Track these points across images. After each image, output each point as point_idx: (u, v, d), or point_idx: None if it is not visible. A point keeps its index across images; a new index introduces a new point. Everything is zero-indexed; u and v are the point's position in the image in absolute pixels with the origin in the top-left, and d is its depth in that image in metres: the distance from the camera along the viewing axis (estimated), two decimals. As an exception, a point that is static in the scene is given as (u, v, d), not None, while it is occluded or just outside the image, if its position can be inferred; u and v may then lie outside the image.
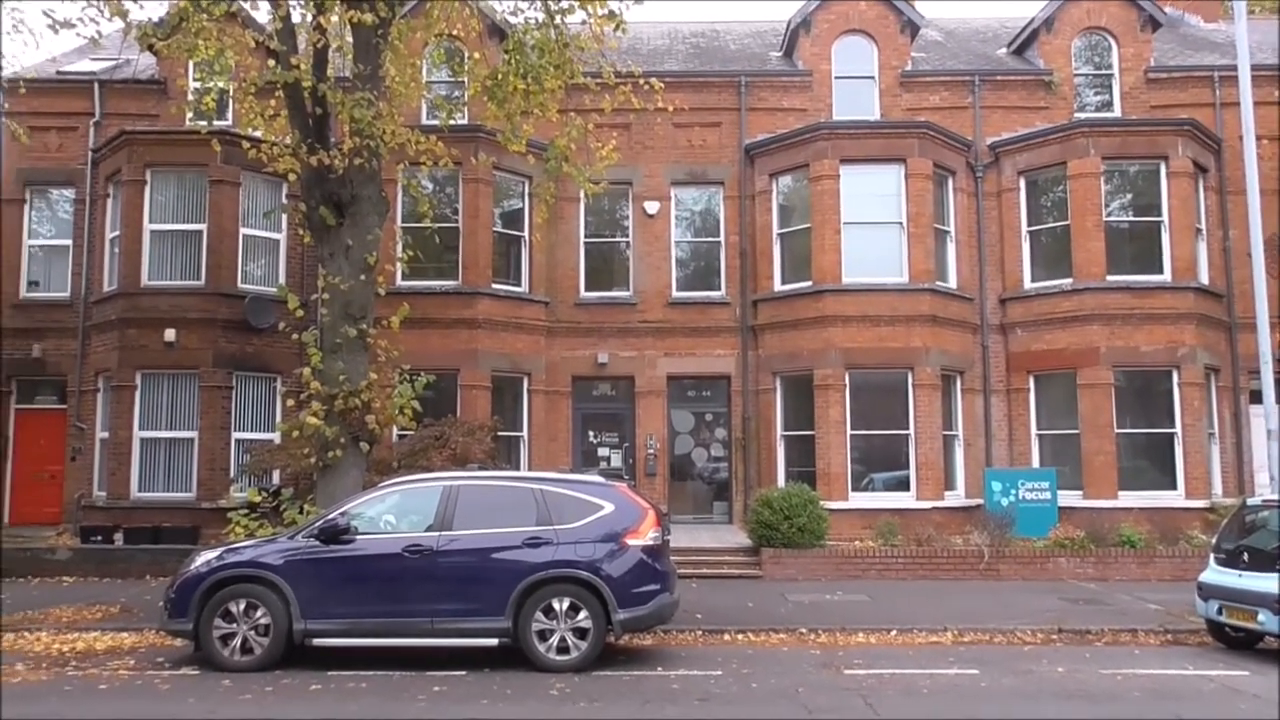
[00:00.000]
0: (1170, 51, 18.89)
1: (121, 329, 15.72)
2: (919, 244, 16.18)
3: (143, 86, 17.39)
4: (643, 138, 17.28)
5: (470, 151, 15.25)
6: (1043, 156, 16.91)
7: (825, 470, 15.66)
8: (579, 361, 17.20)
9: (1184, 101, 17.64)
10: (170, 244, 16.05)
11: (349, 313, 11.10)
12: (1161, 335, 15.98)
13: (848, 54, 17.90)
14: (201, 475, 15.47)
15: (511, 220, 17.11)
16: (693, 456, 17.60)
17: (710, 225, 17.82)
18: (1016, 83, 17.96)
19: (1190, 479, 15.68)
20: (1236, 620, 9.32)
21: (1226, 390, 16.94)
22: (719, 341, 17.29)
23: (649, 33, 20.41)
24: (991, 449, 16.81)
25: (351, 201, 11.22)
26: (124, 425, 15.52)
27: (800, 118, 17.44)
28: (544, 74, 11.59)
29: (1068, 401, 16.31)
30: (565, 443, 17.09)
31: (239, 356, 15.86)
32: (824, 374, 15.94)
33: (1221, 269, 17.09)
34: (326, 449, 10.83)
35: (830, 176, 16.26)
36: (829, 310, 16.06)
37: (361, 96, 10.63)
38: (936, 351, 16.12)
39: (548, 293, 17.16)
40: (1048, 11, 18.10)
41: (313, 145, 10.95)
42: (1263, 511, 9.94)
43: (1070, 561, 13.78)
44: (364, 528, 8.89)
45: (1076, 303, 16.23)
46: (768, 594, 12.34)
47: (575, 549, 8.60)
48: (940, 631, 10.17)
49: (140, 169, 15.89)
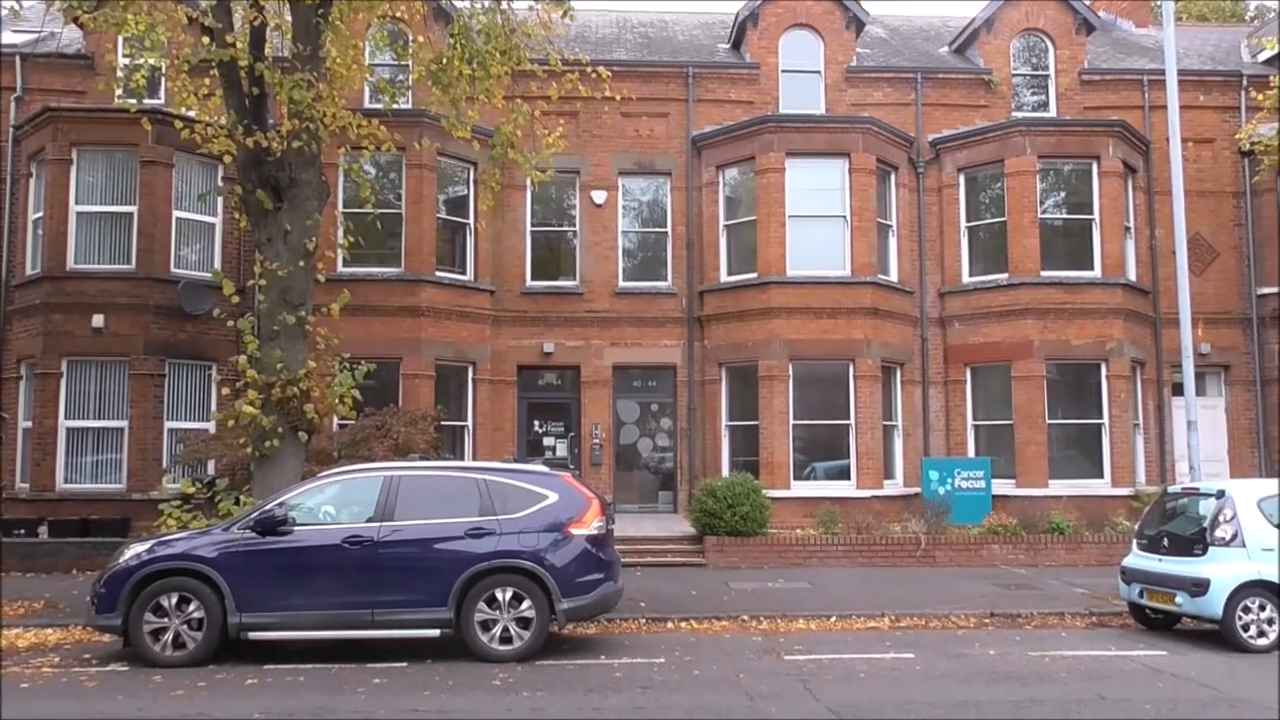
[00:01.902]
0: (1104, 54, 19.44)
1: (46, 314, 15.15)
2: (862, 238, 16.43)
3: (69, 61, 16.69)
4: (590, 126, 17.20)
5: (414, 136, 15.04)
6: (981, 154, 17.28)
7: (769, 460, 15.84)
8: (525, 351, 17.11)
9: (1115, 103, 18.18)
10: (98, 226, 15.49)
11: (287, 299, 10.86)
12: (1091, 330, 16.49)
13: (794, 48, 18.05)
14: (132, 466, 15.01)
15: (456, 207, 16.91)
16: (638, 446, 17.65)
17: (658, 216, 17.84)
18: (957, 81, 18.31)
19: (1116, 468, 16.25)
20: (1157, 603, 9.70)
21: (1151, 383, 17.58)
22: (665, 332, 17.34)
23: (597, 21, 20.31)
24: (929, 439, 17.19)
25: (290, 185, 10.96)
26: (49, 414, 14.97)
27: (747, 110, 17.55)
28: (490, 60, 11.46)
29: (1003, 393, 16.75)
30: (510, 432, 17.00)
31: (172, 343, 15.41)
32: (768, 365, 16.11)
33: (1148, 266, 17.68)
34: (264, 439, 10.60)
35: (776, 170, 16.40)
36: (774, 302, 16.22)
37: (301, 77, 10.37)
38: (877, 344, 16.39)
39: (493, 281, 17.01)
40: (988, 12, 18.47)
41: (249, 127, 10.67)
42: (1182, 499, 10.35)
43: (1003, 548, 14.18)
44: (303, 519, 8.73)
45: (1012, 297, 16.66)
46: (711, 582, 12.45)
47: (519, 539, 8.57)
48: (878, 617, 10.38)
49: (66, 148, 15.30)
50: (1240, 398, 17.88)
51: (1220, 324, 17.73)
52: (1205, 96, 18.23)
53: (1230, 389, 17.96)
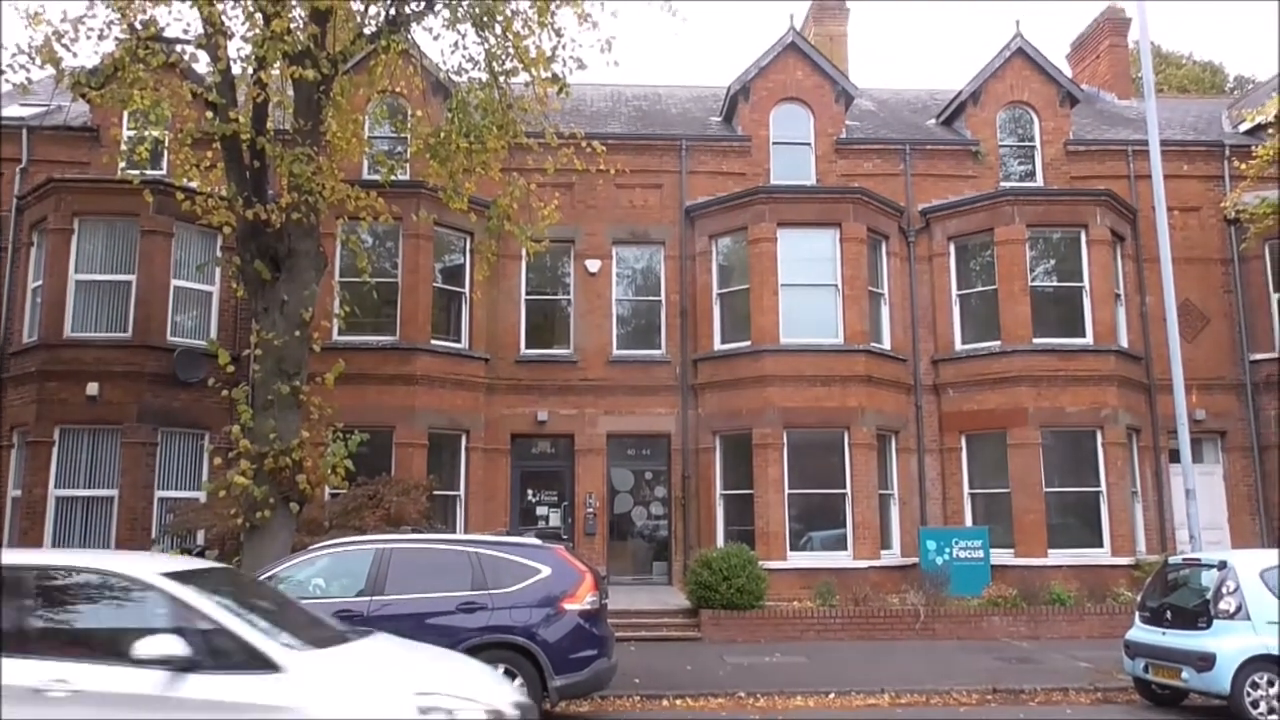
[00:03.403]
0: (1088, 125, 19.88)
1: (40, 382, 15.13)
2: (854, 306, 16.56)
3: (74, 134, 17.01)
4: (585, 197, 17.45)
5: (411, 208, 15.23)
6: (971, 223, 17.54)
7: (764, 529, 15.70)
8: (519, 419, 17.06)
9: (1101, 173, 18.52)
10: (97, 295, 15.59)
11: (282, 369, 10.84)
12: (1086, 397, 16.52)
13: (785, 121, 18.44)
14: (121, 535, 14.81)
15: (452, 276, 17.04)
16: (632, 515, 17.49)
17: (651, 284, 17.99)
18: (945, 152, 18.68)
19: (1116, 537, 16.10)
20: (1162, 678, 9.52)
21: (1147, 450, 17.53)
22: (659, 400, 17.34)
23: (592, 95, 20.76)
24: (926, 508, 17.06)
25: (288, 256, 11.04)
26: (39, 483, 14.84)
27: (739, 181, 17.84)
28: (487, 134, 11.66)
29: (999, 461, 16.69)
30: (504, 501, 16.85)
31: (165, 411, 15.36)
32: (763, 433, 16.07)
33: (1140, 333, 17.80)
34: (255, 509, 10.47)
35: (768, 239, 16.60)
36: (767, 370, 16.26)
37: (301, 151, 10.53)
38: (872, 411, 16.39)
39: (488, 349, 17.05)
40: (974, 86, 18.93)
41: (250, 199, 10.78)
42: (1183, 570, 10.24)
43: (1004, 620, 13.96)
44: (292, 592, 8.56)
45: (1005, 364, 16.72)
46: (706, 656, 12.22)
47: (511, 614, 8.44)
48: (878, 694, 10.18)
49: (68, 217, 15.48)
50: (1238, 464, 17.83)
51: (1214, 390, 17.77)
52: (1189, 166, 18.59)
53: (1227, 455, 17.93)
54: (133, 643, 4.93)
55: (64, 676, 4.88)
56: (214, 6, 10.23)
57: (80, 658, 5.07)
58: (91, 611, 5.52)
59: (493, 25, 11.20)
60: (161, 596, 5.27)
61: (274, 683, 4.97)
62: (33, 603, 5.30)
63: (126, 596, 5.39)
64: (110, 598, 5.48)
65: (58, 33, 10.09)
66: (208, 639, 5.06)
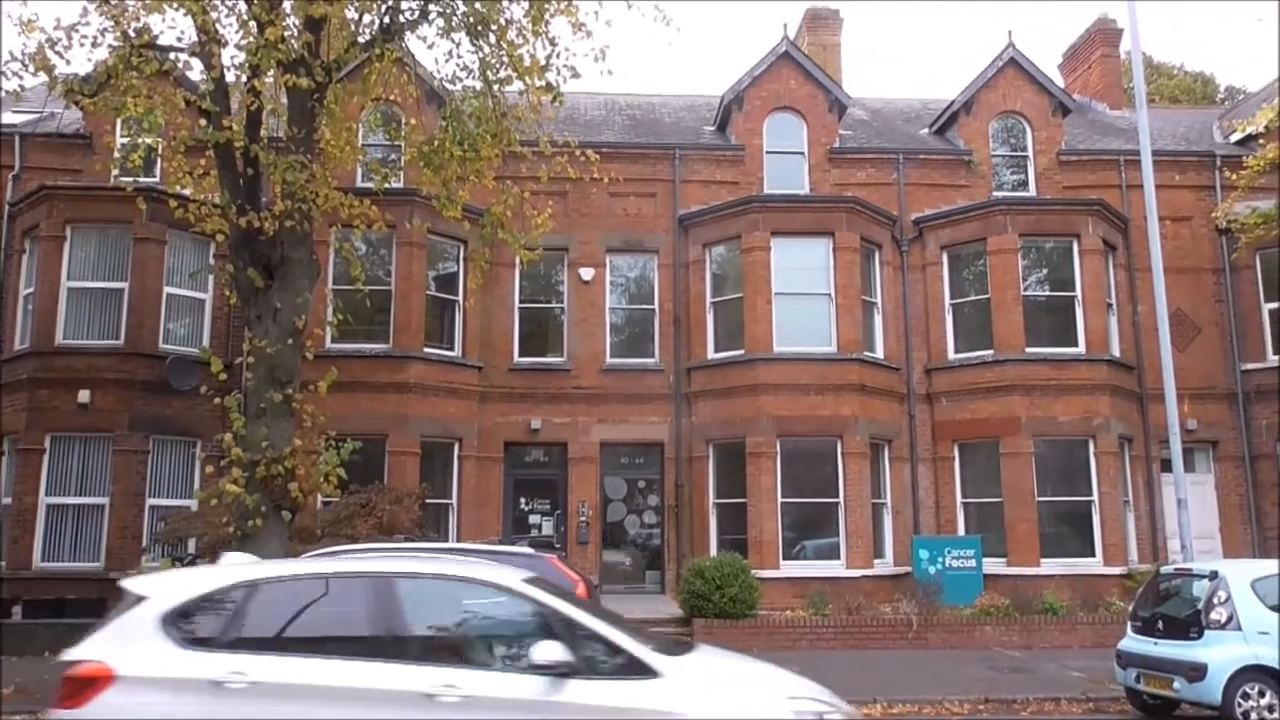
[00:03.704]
0: (1080, 135, 19.98)
1: (32, 389, 15.07)
2: (847, 315, 16.59)
3: (67, 141, 16.96)
4: (579, 206, 17.46)
5: (405, 215, 15.22)
6: (964, 232, 17.59)
7: (757, 538, 15.68)
8: (512, 427, 17.04)
9: (1093, 183, 18.61)
10: (89, 302, 15.55)
11: (275, 377, 10.81)
12: (1078, 406, 16.56)
13: (778, 130, 18.50)
14: (112, 544, 14.75)
15: (445, 284, 17.04)
16: (625, 524, 17.47)
17: (645, 292, 18.00)
18: (938, 161, 18.75)
19: (1108, 546, 16.12)
20: (1154, 688, 9.52)
21: (1140, 459, 17.58)
22: (652, 408, 17.33)
23: (586, 103, 20.80)
24: (919, 517, 17.08)
25: (281, 264, 11.02)
26: (29, 491, 14.77)
27: (732, 190, 17.88)
28: (481, 142, 11.66)
29: (991, 470, 16.71)
30: (496, 510, 16.82)
31: (157, 419, 15.31)
32: (756, 441, 16.07)
33: (1132, 342, 17.86)
34: (246, 518, 10.42)
35: (761, 248, 16.64)
36: (761, 378, 16.28)
37: (295, 159, 10.52)
38: (865, 420, 16.41)
39: (481, 357, 17.04)
40: (966, 95, 19.02)
41: (243, 206, 10.77)
42: (1175, 580, 10.26)
43: (996, 629, 13.96)
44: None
45: (998, 373, 16.76)
46: (699, 665, 12.16)
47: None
48: (870, 703, 10.15)
49: (60, 224, 15.44)
50: (1230, 473, 17.89)
51: (1206, 400, 17.83)
52: (1181, 176, 18.67)
53: (1219, 465, 17.98)
54: (511, 649, 5.18)
55: (453, 682, 4.98)
56: (208, 15, 10.23)
57: (464, 664, 5.20)
58: (468, 619, 5.67)
59: (487, 34, 11.21)
60: (531, 604, 5.42)
61: (655, 688, 5.09)
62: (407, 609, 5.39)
63: (500, 604, 5.57)
64: (484, 606, 5.63)
65: (51, 40, 10.07)
66: (582, 646, 5.18)
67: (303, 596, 5.48)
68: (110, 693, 4.90)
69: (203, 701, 4.91)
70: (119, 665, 4.97)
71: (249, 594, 5.33)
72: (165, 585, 5.49)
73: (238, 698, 4.90)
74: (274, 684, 4.95)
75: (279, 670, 5.00)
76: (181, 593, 5.33)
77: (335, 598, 5.45)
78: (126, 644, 5.09)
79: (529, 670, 5.03)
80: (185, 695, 4.92)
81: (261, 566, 5.79)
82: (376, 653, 5.13)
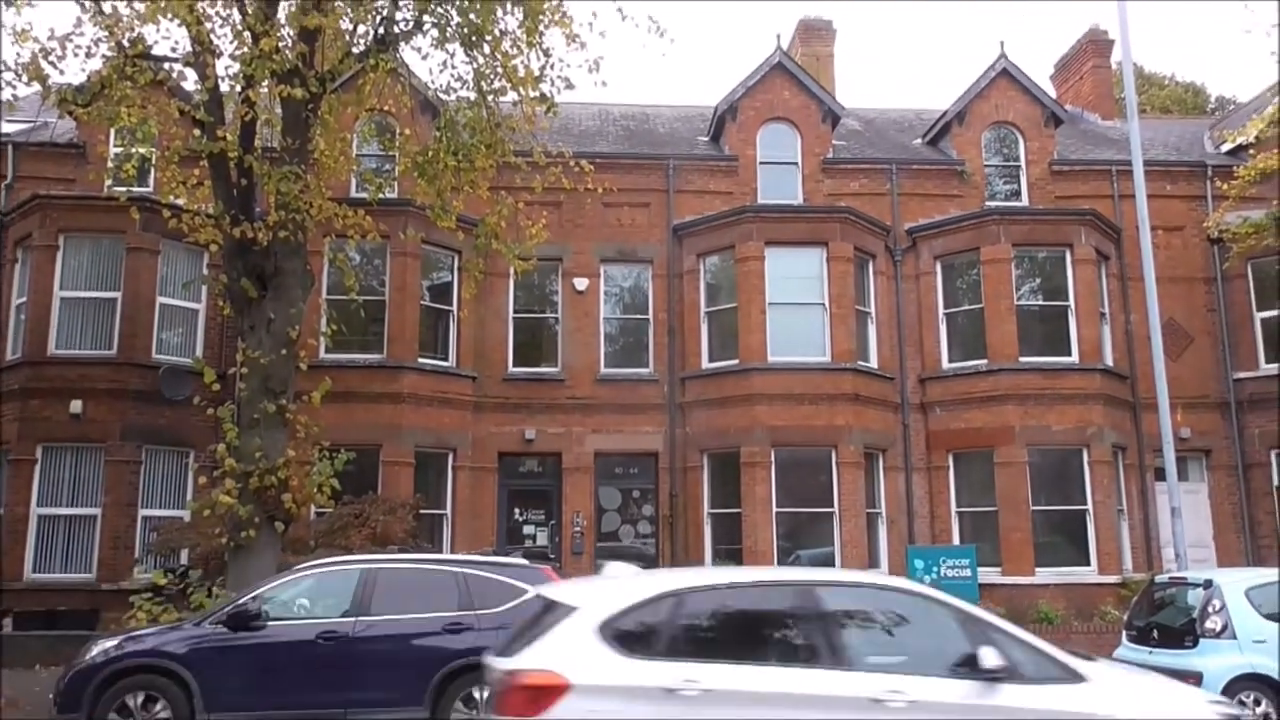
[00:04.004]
0: (1072, 146, 20.08)
1: (24, 400, 14.99)
2: (841, 324, 16.61)
3: (61, 150, 16.91)
4: (573, 216, 17.45)
5: (399, 226, 15.21)
6: (957, 242, 17.65)
7: (752, 548, 15.65)
8: (506, 437, 17.00)
9: (1085, 193, 18.68)
10: (82, 312, 15.49)
11: (268, 387, 10.81)
12: (1072, 415, 16.58)
13: (772, 140, 18.55)
14: (104, 555, 14.67)
15: (440, 294, 17.02)
16: (620, 534, 17.42)
17: (639, 302, 18.01)
18: (932, 171, 18.82)
19: (1102, 555, 16.13)
20: (1149, 698, 9.50)
21: (1133, 468, 17.60)
22: (647, 418, 17.31)
23: (580, 114, 20.83)
24: (913, 526, 17.07)
25: (275, 274, 11.02)
26: (20, 501, 14.68)
27: (726, 200, 17.90)
28: (475, 153, 11.69)
29: (985, 479, 16.72)
30: (490, 520, 16.76)
31: (150, 429, 15.24)
32: (750, 451, 16.06)
33: (1125, 351, 17.90)
34: (240, 529, 10.41)
35: (756, 258, 16.66)
36: (755, 388, 16.28)
37: (289, 170, 10.54)
38: (859, 430, 16.41)
39: (475, 367, 17.01)
40: (959, 106, 19.10)
41: (236, 217, 10.77)
42: (1170, 589, 10.28)
43: (991, 639, 13.90)
44: (277, 612, 8.54)
45: (992, 383, 16.79)
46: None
47: (497, 635, 8.32)
48: (866, 714, 10.11)
49: (53, 234, 15.39)
50: (1223, 482, 17.92)
51: (1199, 408, 17.86)
52: (1172, 186, 18.77)
53: (1212, 473, 18.02)
54: (943, 654, 5.27)
55: (898, 688, 5.12)
56: (202, 25, 10.25)
57: (903, 669, 5.30)
58: (899, 625, 5.75)
59: (481, 45, 11.25)
60: (954, 611, 5.55)
61: (1083, 692, 5.22)
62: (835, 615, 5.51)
63: (921, 610, 5.70)
64: (908, 612, 5.75)
65: (45, 50, 10.08)
66: (1013, 651, 5.28)
67: (728, 605, 5.57)
68: (566, 701, 4.98)
69: (658, 708, 5.00)
70: (570, 674, 5.03)
71: (677, 603, 5.42)
72: (594, 596, 5.56)
73: (691, 704, 5.00)
74: (724, 690, 5.03)
75: (727, 677, 5.09)
76: (613, 603, 5.38)
77: (759, 606, 5.60)
78: (570, 653, 5.14)
79: (964, 675, 5.15)
80: (639, 702, 5.01)
81: (677, 576, 6.00)
82: (813, 659, 5.24)
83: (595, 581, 6.06)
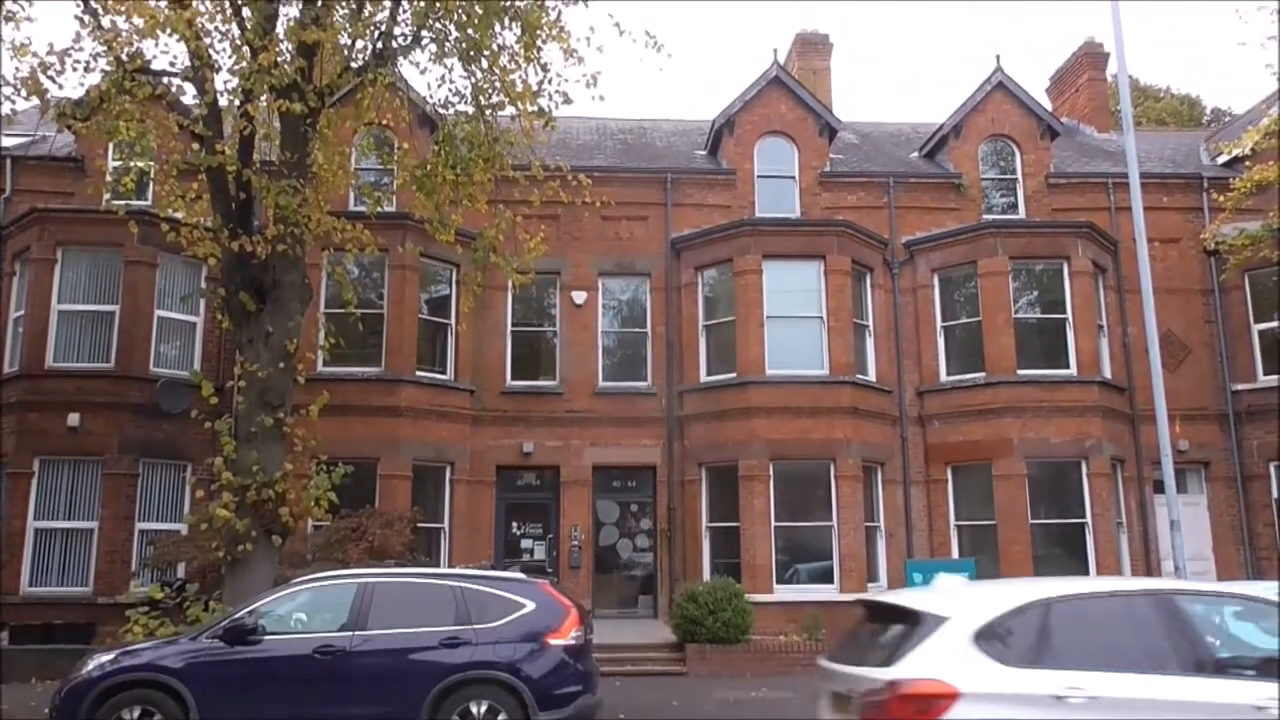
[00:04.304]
0: (1068, 158, 20.16)
1: (21, 413, 14.98)
2: (839, 338, 16.63)
3: (59, 164, 16.97)
4: (571, 229, 17.49)
5: (397, 239, 15.25)
6: (954, 255, 17.69)
7: (750, 562, 15.62)
8: (504, 451, 16.98)
9: (1082, 205, 18.73)
10: (79, 325, 15.50)
11: (266, 401, 10.78)
12: (1070, 427, 16.58)
13: (769, 154, 18.63)
14: (100, 568, 14.63)
15: (438, 307, 17.03)
16: (618, 548, 17.38)
17: (637, 316, 18.02)
18: (928, 184, 18.88)
19: (1102, 568, 16.09)
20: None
21: (1132, 480, 17.59)
22: (645, 432, 17.30)
23: (579, 128, 20.92)
24: (912, 539, 17.04)
25: (273, 287, 11.01)
26: (18, 515, 14.65)
27: (724, 214, 17.95)
28: (473, 167, 11.71)
29: (984, 492, 16.70)
30: (488, 534, 16.73)
31: (148, 443, 15.22)
32: (748, 465, 16.05)
33: (1123, 363, 17.91)
34: (236, 542, 10.36)
35: (753, 271, 16.69)
36: (753, 402, 16.27)
37: (287, 184, 10.55)
38: (858, 443, 16.40)
39: (473, 380, 17.00)
40: (955, 119, 19.18)
41: (235, 230, 10.77)
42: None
43: (991, 652, 13.85)
44: (273, 627, 8.50)
45: (990, 395, 16.79)
46: (692, 692, 12.11)
47: (495, 649, 8.35)
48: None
49: (51, 247, 15.42)
50: (1222, 494, 17.91)
51: (1197, 420, 17.87)
52: (1168, 198, 18.83)
53: (1211, 486, 18.00)
54: None
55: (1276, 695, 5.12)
56: (201, 40, 10.27)
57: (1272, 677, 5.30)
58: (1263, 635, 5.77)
59: (479, 59, 11.28)
60: None
61: None
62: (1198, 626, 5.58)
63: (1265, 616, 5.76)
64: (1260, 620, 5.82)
65: (44, 64, 10.08)
66: None
67: (1094, 614, 5.61)
68: (958, 708, 5.05)
69: (1046, 713, 5.05)
70: (957, 682, 5.11)
71: (1045, 612, 5.50)
72: (963, 606, 5.62)
73: (1079, 710, 5.06)
74: (1111, 698, 5.09)
75: (1111, 685, 5.14)
76: (983, 613, 5.46)
77: (1124, 614, 5.60)
78: (951, 662, 5.21)
79: None
80: (1028, 708, 5.07)
81: (1037, 586, 6.01)
82: (1189, 668, 5.27)
83: (952, 592, 6.14)
